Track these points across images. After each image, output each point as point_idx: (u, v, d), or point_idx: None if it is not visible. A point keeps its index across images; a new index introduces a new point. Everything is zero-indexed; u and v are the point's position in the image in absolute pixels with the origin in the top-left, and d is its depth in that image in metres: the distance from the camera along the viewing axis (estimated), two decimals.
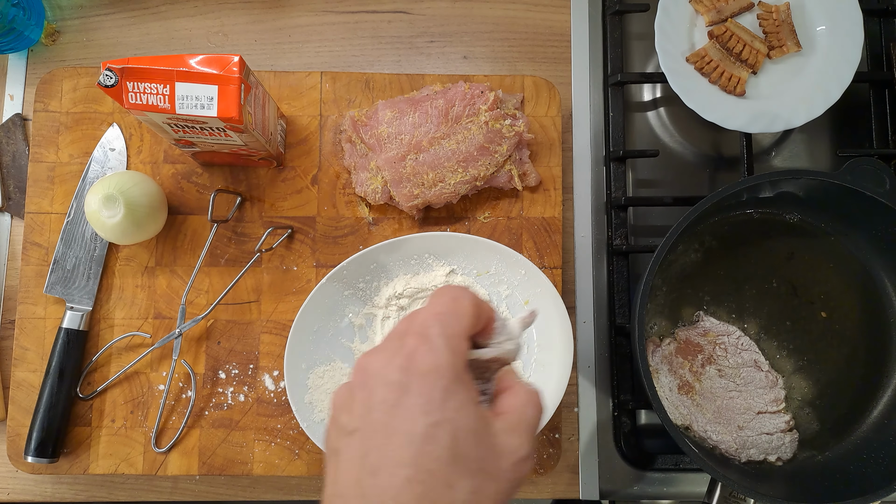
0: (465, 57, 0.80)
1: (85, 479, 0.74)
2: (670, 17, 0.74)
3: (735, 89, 0.73)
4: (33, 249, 0.74)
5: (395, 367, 0.33)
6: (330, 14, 0.81)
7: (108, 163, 0.75)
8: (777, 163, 0.82)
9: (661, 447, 0.76)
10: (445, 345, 0.34)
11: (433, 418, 0.32)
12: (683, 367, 0.71)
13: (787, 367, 0.72)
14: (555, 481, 0.74)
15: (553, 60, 0.80)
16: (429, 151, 0.71)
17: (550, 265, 0.75)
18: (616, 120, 0.78)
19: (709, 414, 0.70)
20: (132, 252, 0.75)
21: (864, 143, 0.81)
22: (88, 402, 0.72)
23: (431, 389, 0.32)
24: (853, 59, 0.73)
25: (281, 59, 0.80)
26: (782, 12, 0.74)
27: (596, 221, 0.78)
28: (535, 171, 0.75)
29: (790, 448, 0.70)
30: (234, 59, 0.58)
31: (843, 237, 0.73)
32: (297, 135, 0.76)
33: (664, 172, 0.81)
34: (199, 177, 0.76)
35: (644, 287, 0.63)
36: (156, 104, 0.59)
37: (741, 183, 0.66)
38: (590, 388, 0.75)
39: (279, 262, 0.75)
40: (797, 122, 0.73)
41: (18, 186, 0.77)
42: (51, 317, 0.74)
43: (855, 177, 0.64)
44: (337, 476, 0.33)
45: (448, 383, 0.33)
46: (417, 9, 0.81)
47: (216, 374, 0.73)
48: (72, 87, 0.76)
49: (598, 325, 0.76)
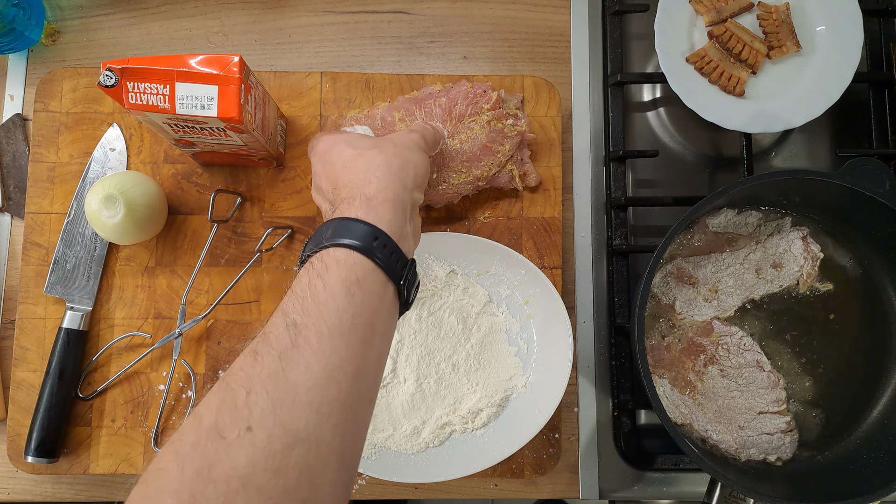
0: (465, 57, 0.80)
1: (85, 479, 0.74)
2: (670, 17, 0.74)
3: (735, 89, 0.73)
4: (33, 249, 0.74)
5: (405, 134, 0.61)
6: (330, 14, 0.81)
7: (109, 163, 0.75)
8: (777, 163, 0.82)
9: (661, 447, 0.76)
10: (421, 137, 0.61)
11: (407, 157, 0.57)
12: (686, 366, 0.71)
13: (789, 368, 0.72)
14: (555, 481, 0.74)
15: (553, 60, 0.80)
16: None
17: (550, 265, 0.75)
18: (616, 120, 0.78)
19: (710, 413, 0.70)
20: (132, 252, 0.75)
21: (864, 143, 0.81)
22: (88, 402, 0.73)
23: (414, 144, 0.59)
24: (853, 60, 0.73)
25: (281, 60, 0.80)
26: (782, 12, 0.74)
27: (596, 221, 0.78)
28: (536, 171, 0.75)
29: (790, 448, 0.70)
30: (234, 60, 0.58)
31: (844, 237, 0.73)
32: (298, 135, 0.76)
33: (664, 172, 0.81)
34: (199, 177, 0.76)
35: (644, 287, 0.63)
36: (156, 104, 0.59)
37: (741, 183, 0.66)
38: (590, 388, 0.75)
39: (279, 262, 0.75)
40: (797, 122, 0.73)
41: (18, 186, 0.77)
42: (51, 317, 0.74)
43: (855, 177, 0.65)
44: (346, 172, 0.54)
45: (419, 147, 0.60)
46: (417, 9, 0.81)
47: (216, 374, 0.73)
48: (72, 88, 0.76)
49: (598, 325, 0.76)
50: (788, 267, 0.72)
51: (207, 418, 0.38)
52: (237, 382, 0.40)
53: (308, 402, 0.40)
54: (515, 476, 0.73)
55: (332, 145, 0.58)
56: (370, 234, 0.48)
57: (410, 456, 0.70)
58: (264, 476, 0.37)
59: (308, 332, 0.42)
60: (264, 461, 0.37)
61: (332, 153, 0.57)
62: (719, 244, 0.73)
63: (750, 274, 0.72)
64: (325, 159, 0.57)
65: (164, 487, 0.36)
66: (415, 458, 0.70)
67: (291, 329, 0.42)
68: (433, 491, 0.73)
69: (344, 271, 0.46)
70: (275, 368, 0.40)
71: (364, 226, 0.48)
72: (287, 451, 0.38)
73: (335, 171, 0.55)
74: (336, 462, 0.41)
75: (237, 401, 0.39)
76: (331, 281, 0.45)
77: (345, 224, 0.48)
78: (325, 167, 0.57)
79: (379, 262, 0.47)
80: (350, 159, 0.55)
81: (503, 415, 0.72)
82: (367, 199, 0.50)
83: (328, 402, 0.41)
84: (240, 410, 0.38)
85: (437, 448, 0.71)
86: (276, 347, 0.41)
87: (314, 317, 0.43)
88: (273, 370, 0.40)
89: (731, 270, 0.72)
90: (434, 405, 0.72)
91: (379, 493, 0.73)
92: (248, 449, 0.37)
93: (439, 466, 0.70)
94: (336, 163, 0.55)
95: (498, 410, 0.72)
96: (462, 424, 0.71)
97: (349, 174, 0.53)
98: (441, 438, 0.71)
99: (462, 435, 0.72)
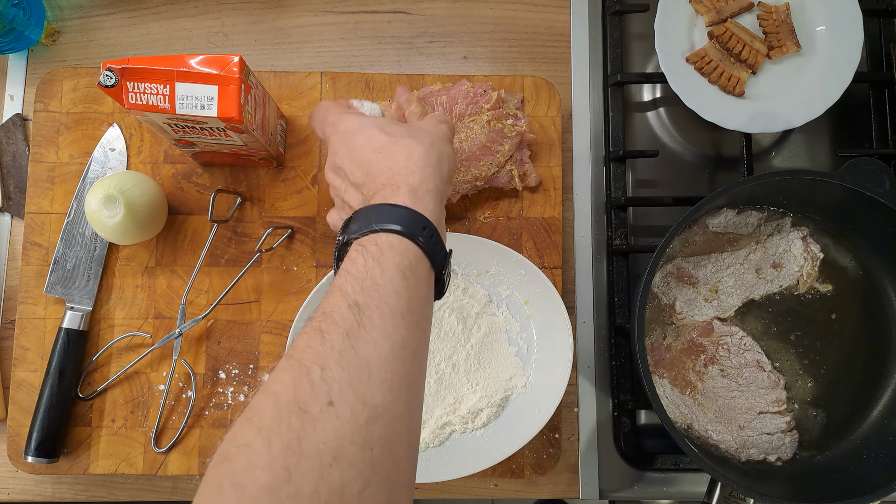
0: (465, 57, 0.80)
1: (85, 479, 0.74)
2: (670, 17, 0.74)
3: (735, 89, 0.73)
4: (33, 249, 0.74)
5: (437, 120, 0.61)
6: (330, 14, 0.81)
7: (109, 163, 0.75)
8: (777, 163, 0.82)
9: (661, 447, 0.76)
10: (449, 129, 0.60)
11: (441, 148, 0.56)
12: (686, 366, 0.71)
13: (789, 368, 0.72)
14: (555, 481, 0.74)
15: (553, 60, 0.80)
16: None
17: (550, 265, 0.75)
18: (616, 120, 0.78)
19: (710, 413, 0.70)
20: (132, 252, 0.75)
21: (864, 143, 0.81)
22: (88, 402, 0.72)
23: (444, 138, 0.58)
24: (853, 60, 0.73)
25: (281, 60, 0.80)
26: (782, 12, 0.74)
27: (596, 221, 0.78)
28: (535, 171, 0.75)
29: (790, 448, 0.70)
30: (234, 60, 0.58)
31: (844, 237, 0.73)
32: (297, 135, 0.76)
33: (664, 172, 0.81)
34: (199, 177, 0.76)
35: (644, 287, 0.63)
36: (156, 104, 0.59)
37: (741, 183, 0.66)
38: (590, 388, 0.75)
39: (279, 262, 0.75)
40: (797, 122, 0.73)
41: (18, 186, 0.77)
42: (51, 317, 0.74)
43: (855, 177, 0.65)
44: (382, 158, 0.54)
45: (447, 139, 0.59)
46: (417, 9, 0.81)
47: (216, 374, 0.73)
48: (72, 88, 0.76)
49: (598, 325, 0.76)
50: (788, 267, 0.72)
51: (284, 394, 0.38)
52: (309, 359, 0.40)
53: (382, 379, 0.41)
54: (515, 476, 0.73)
55: (361, 128, 0.57)
56: (419, 222, 0.49)
57: None
58: (352, 449, 0.37)
59: (371, 313, 0.43)
60: (350, 434, 0.37)
61: (360, 136, 0.56)
62: (719, 244, 0.73)
63: (750, 274, 0.72)
64: (351, 141, 0.57)
65: (254, 463, 0.36)
66: None
67: (355, 309, 0.43)
68: (433, 491, 0.73)
69: (398, 256, 0.46)
70: (345, 346, 0.41)
71: (413, 213, 0.49)
72: (370, 426, 0.38)
73: (365, 155, 0.55)
74: (407, 439, 0.42)
75: (313, 376, 0.39)
76: (387, 265, 0.46)
77: (393, 210, 0.49)
78: (352, 150, 0.56)
79: (426, 250, 0.48)
80: (385, 145, 0.55)
81: (503, 415, 0.72)
82: (412, 188, 0.51)
83: (398, 379, 0.42)
84: (318, 386, 0.39)
85: (437, 448, 0.71)
86: (343, 326, 0.42)
87: (376, 298, 0.44)
88: (343, 347, 0.41)
89: (732, 270, 0.72)
90: (434, 405, 0.72)
91: None
92: (333, 422, 0.37)
93: (439, 466, 0.70)
94: (366, 147, 0.55)
95: (498, 410, 0.72)
96: (462, 424, 0.71)
97: (386, 160, 0.53)
98: (441, 438, 0.71)
99: (462, 435, 0.72)
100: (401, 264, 0.46)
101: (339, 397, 0.38)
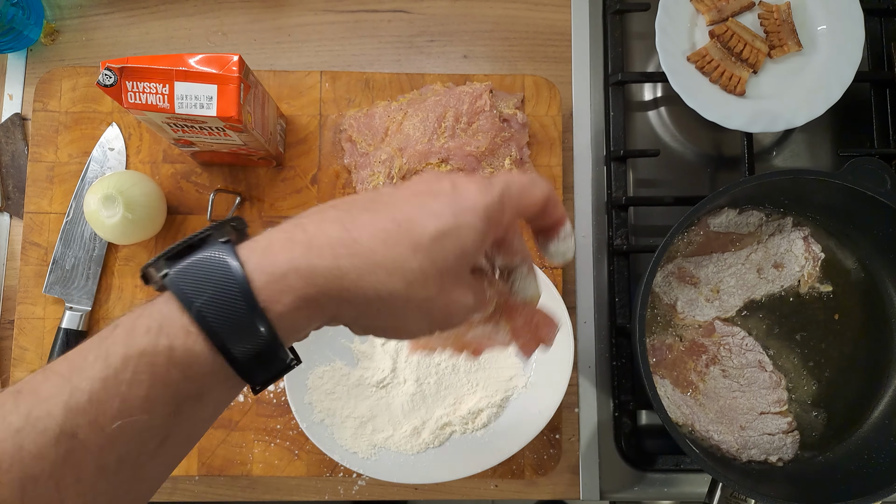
0: (465, 56, 0.80)
1: None
2: (671, 16, 0.74)
3: (736, 89, 0.73)
4: (32, 249, 0.74)
5: (453, 181, 0.38)
6: (330, 13, 0.80)
7: (108, 162, 0.75)
8: (778, 162, 0.82)
9: (662, 447, 0.75)
10: (499, 198, 0.37)
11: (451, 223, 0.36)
12: (687, 366, 0.71)
13: (790, 368, 0.72)
14: (555, 482, 0.74)
15: (553, 60, 0.80)
16: (437, 153, 0.71)
17: (551, 265, 0.75)
18: (617, 119, 0.78)
19: (711, 414, 0.70)
20: (131, 252, 0.74)
21: (866, 142, 0.80)
22: None
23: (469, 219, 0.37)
24: (854, 59, 0.73)
25: (280, 59, 0.79)
26: (783, 12, 0.74)
27: (596, 221, 0.78)
28: (536, 171, 0.75)
29: (791, 448, 0.70)
30: (233, 59, 0.58)
31: (845, 237, 0.73)
32: (297, 134, 0.76)
33: (665, 172, 0.81)
34: (198, 176, 0.76)
35: (644, 287, 0.63)
36: (155, 104, 0.58)
37: (742, 182, 0.65)
38: (590, 389, 0.75)
39: None
40: (798, 121, 0.73)
41: (17, 186, 0.76)
42: (50, 317, 0.73)
43: (856, 176, 0.64)
44: (388, 210, 0.37)
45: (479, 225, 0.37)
46: (417, 8, 0.81)
47: None
48: (71, 87, 0.76)
49: (599, 326, 0.76)
50: (790, 267, 0.72)
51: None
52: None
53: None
54: (516, 477, 0.73)
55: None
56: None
57: (410, 456, 0.70)
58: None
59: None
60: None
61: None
62: (721, 244, 0.73)
63: (751, 274, 0.72)
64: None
65: None
66: (415, 458, 0.70)
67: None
68: (433, 492, 0.73)
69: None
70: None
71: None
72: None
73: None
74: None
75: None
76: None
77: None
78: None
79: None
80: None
81: (503, 415, 0.72)
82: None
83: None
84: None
85: (437, 448, 0.71)
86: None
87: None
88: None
89: (733, 270, 0.72)
90: (434, 405, 0.72)
91: (379, 493, 0.73)
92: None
93: (439, 467, 0.69)
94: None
95: (498, 411, 0.72)
96: (462, 425, 0.71)
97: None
98: (441, 439, 0.71)
99: (462, 435, 0.72)
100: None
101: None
